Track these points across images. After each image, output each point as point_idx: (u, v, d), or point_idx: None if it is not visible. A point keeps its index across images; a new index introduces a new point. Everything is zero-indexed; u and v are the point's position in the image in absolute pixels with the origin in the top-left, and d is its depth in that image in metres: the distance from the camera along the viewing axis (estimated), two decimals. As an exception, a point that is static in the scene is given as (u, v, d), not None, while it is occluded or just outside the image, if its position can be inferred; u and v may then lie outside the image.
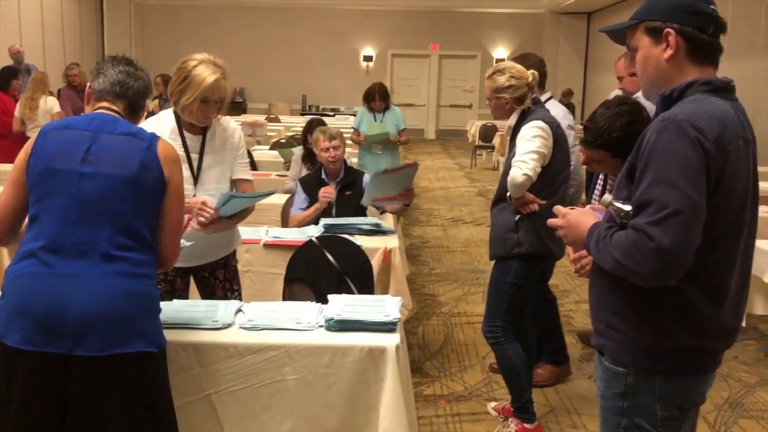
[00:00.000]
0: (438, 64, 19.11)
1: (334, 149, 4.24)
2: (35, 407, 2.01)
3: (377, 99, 6.74)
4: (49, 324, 1.97)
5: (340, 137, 4.30)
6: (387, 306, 2.61)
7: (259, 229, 3.98)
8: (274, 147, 7.94)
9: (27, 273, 2.04)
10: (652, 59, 1.82)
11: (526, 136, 3.16)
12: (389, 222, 4.22)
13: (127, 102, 2.26)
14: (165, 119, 2.91)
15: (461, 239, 7.61)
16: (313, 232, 3.80)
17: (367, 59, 18.90)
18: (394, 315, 2.51)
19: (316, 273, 3.44)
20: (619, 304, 1.81)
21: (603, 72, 15.96)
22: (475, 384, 4.00)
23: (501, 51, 18.60)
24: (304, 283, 3.44)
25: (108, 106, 2.24)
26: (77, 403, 2.01)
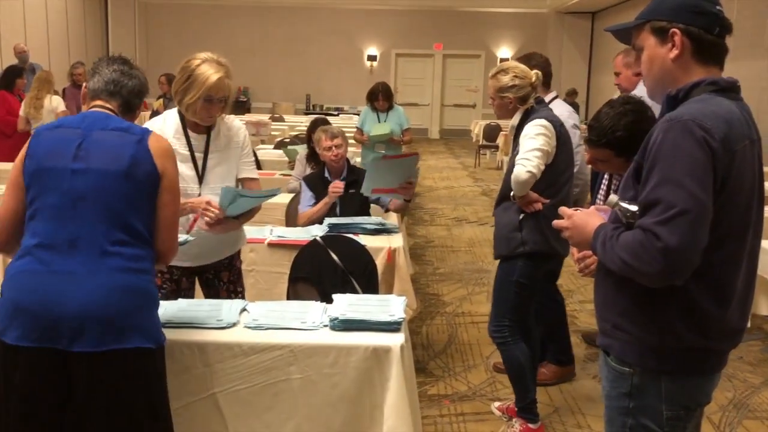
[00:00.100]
0: (442, 63, 19.10)
1: (336, 148, 4.24)
2: (35, 404, 2.02)
3: (381, 98, 6.74)
4: (46, 321, 1.98)
5: (342, 136, 4.31)
6: (392, 306, 2.60)
7: (264, 229, 3.99)
8: (278, 146, 7.94)
9: (23, 271, 2.05)
10: (657, 59, 1.82)
11: (529, 134, 3.16)
12: (393, 221, 4.22)
13: (122, 100, 2.25)
14: (169, 119, 2.91)
15: (465, 239, 7.61)
16: (318, 231, 3.80)
17: (371, 59, 18.90)
18: (398, 315, 2.51)
19: (320, 272, 3.44)
20: (626, 304, 1.81)
21: (607, 72, 15.91)
22: (479, 384, 4.00)
23: (505, 51, 18.59)
24: (308, 283, 3.44)
25: (102, 104, 2.24)
26: (76, 400, 2.02)
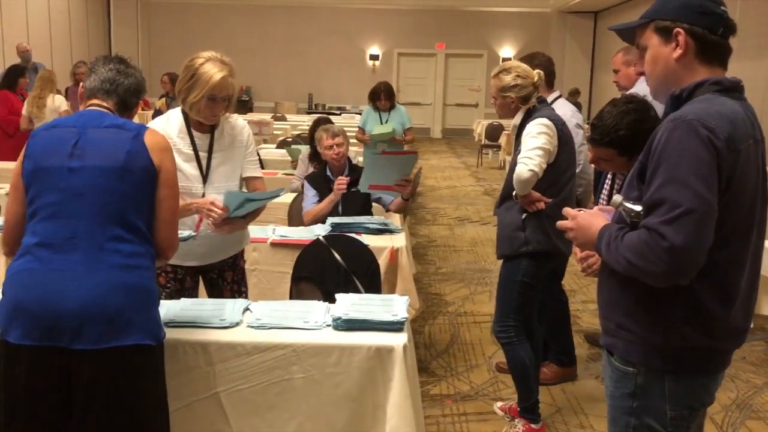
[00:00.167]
0: (444, 63, 19.09)
1: (337, 146, 4.25)
2: (38, 403, 2.02)
3: (383, 98, 6.74)
4: (46, 319, 1.99)
5: (343, 134, 4.32)
6: (394, 305, 2.60)
7: (266, 228, 3.99)
8: (280, 146, 7.95)
9: (23, 270, 2.06)
10: (661, 59, 1.82)
11: (531, 133, 3.16)
12: (396, 221, 4.22)
13: (118, 98, 2.26)
14: (173, 118, 2.91)
15: (467, 238, 7.60)
16: (320, 231, 3.80)
17: (374, 58, 18.89)
18: (401, 314, 2.51)
19: (323, 272, 3.44)
20: (630, 303, 1.81)
21: (609, 71, 15.74)
22: (482, 384, 3.99)
23: (507, 50, 18.58)
24: (311, 282, 3.44)
25: (98, 103, 2.24)
26: (79, 397, 2.02)
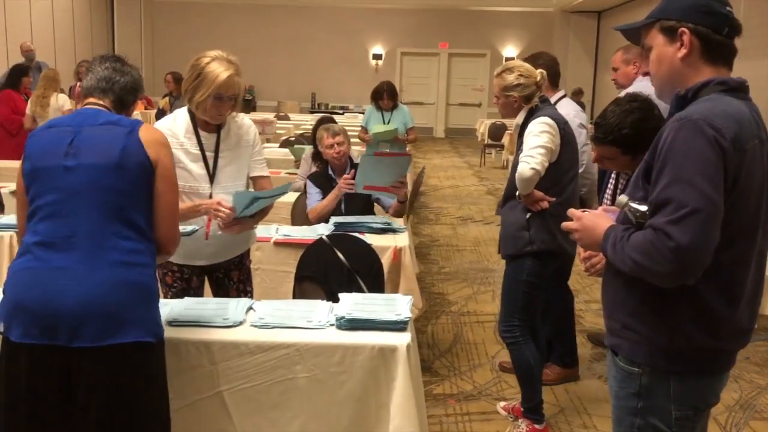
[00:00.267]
0: (447, 62, 19.07)
1: (338, 145, 4.26)
2: (38, 402, 2.03)
3: (385, 97, 6.74)
4: (46, 317, 1.99)
5: (343, 133, 4.32)
6: (398, 305, 2.60)
7: (270, 227, 3.99)
8: (283, 145, 7.95)
9: (23, 268, 2.07)
10: (666, 58, 1.82)
11: (533, 131, 3.16)
12: (399, 220, 4.22)
13: (114, 97, 2.26)
14: (179, 118, 2.91)
15: (470, 238, 7.60)
16: (324, 230, 3.80)
17: (377, 57, 18.88)
18: (405, 314, 2.51)
19: (326, 271, 3.44)
20: (635, 303, 1.80)
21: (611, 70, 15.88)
22: (485, 383, 3.99)
23: (510, 50, 18.56)
24: (314, 282, 3.44)
25: (95, 101, 2.25)
26: (79, 396, 2.02)
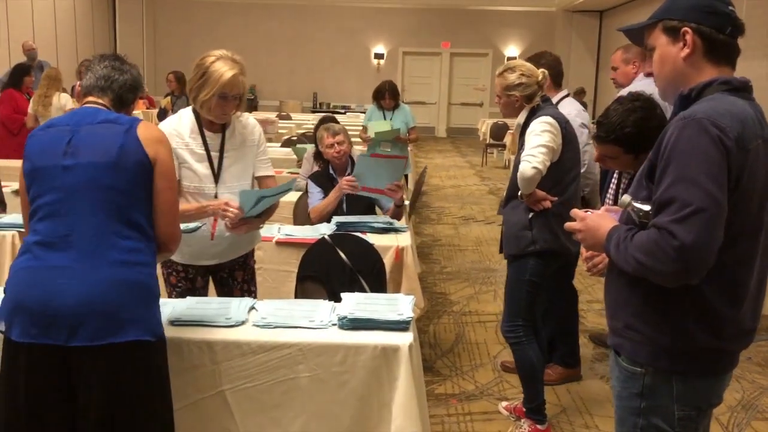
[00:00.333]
0: (449, 62, 19.06)
1: (338, 145, 4.26)
2: (39, 401, 2.03)
3: (387, 97, 6.75)
4: (45, 316, 1.99)
5: (344, 133, 4.32)
6: (400, 304, 2.60)
7: (272, 227, 3.98)
8: (285, 144, 7.95)
9: (23, 268, 2.07)
10: (669, 58, 1.82)
11: (534, 130, 3.16)
12: (401, 220, 4.21)
13: (113, 95, 2.26)
14: (184, 118, 2.91)
15: (472, 238, 7.60)
16: (326, 230, 3.80)
17: (379, 57, 18.88)
18: (407, 314, 2.51)
19: (328, 271, 3.44)
20: (638, 304, 1.80)
21: (614, 70, 15.86)
22: (487, 383, 3.99)
23: (512, 49, 18.55)
24: (316, 281, 3.44)
25: (94, 100, 2.25)
26: (80, 395, 2.03)
